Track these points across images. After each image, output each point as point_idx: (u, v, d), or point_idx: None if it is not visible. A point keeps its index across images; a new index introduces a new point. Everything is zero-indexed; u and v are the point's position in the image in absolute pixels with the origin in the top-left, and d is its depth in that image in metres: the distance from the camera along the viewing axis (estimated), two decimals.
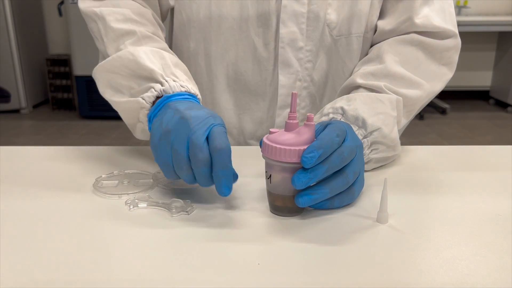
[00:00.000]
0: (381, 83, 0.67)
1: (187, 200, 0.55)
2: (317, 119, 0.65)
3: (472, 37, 4.02)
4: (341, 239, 0.48)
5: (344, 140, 0.52)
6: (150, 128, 0.59)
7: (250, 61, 0.75)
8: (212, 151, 0.50)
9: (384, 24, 0.74)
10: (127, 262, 0.43)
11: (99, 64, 0.66)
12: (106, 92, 0.66)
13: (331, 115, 0.63)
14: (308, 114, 0.50)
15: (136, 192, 0.58)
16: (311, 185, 0.50)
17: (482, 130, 3.46)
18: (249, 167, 0.66)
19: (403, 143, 0.67)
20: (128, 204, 0.54)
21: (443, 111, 3.88)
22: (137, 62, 0.62)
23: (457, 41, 0.73)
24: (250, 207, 0.55)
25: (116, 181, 0.61)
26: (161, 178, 0.62)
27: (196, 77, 0.77)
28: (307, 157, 0.47)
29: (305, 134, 0.49)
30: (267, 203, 0.54)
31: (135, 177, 0.62)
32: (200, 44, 0.76)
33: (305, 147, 0.48)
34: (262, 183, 0.61)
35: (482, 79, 4.32)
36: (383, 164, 0.66)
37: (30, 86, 3.96)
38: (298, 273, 0.42)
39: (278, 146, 0.49)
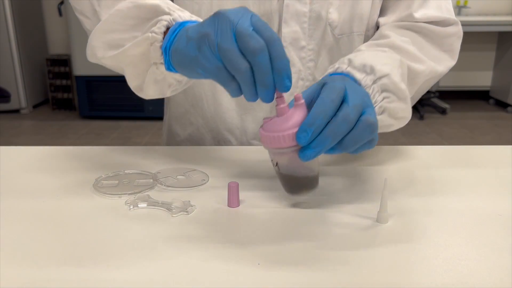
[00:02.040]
0: (385, 48, 0.66)
1: (187, 200, 0.55)
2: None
3: (472, 37, 4.02)
4: (341, 239, 0.48)
5: (343, 101, 0.49)
6: (167, 60, 0.54)
7: None
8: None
9: (385, 21, 0.74)
10: (127, 262, 0.43)
11: (95, 28, 0.60)
12: (107, 53, 0.60)
13: (336, 65, 0.61)
14: (295, 94, 0.49)
15: (136, 192, 0.58)
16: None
17: (482, 130, 3.46)
18: (251, 167, 0.67)
19: (403, 143, 0.67)
20: (128, 204, 0.54)
21: (443, 111, 3.88)
22: (137, 6, 0.57)
23: (458, 28, 0.73)
24: (250, 207, 0.55)
25: (116, 181, 0.61)
26: (161, 178, 0.62)
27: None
28: (301, 136, 0.47)
29: (297, 115, 0.48)
30: (267, 203, 0.55)
31: (135, 177, 0.62)
32: None
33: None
34: (263, 183, 0.61)
35: (482, 79, 4.32)
36: (395, 123, 0.62)
37: (30, 86, 3.96)
38: (298, 273, 0.42)
39: (275, 134, 0.48)
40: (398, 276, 0.41)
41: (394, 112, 0.61)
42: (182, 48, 0.50)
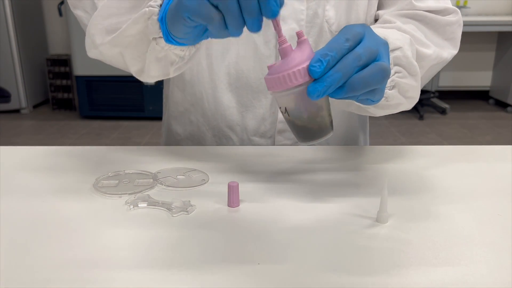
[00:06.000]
0: (393, 30, 0.66)
1: (187, 200, 0.55)
2: None
3: (472, 37, 4.02)
4: (341, 239, 0.48)
5: (360, 41, 0.48)
6: (165, 30, 0.54)
7: (251, 59, 0.75)
8: None
9: (385, 13, 0.74)
10: (127, 262, 0.43)
11: (93, 16, 0.60)
12: (105, 39, 0.60)
13: None
14: (297, 31, 0.47)
15: (136, 192, 0.58)
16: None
17: (482, 130, 3.46)
18: (251, 167, 0.67)
19: (403, 143, 0.67)
20: (128, 204, 0.54)
21: (443, 111, 3.88)
22: None
23: (459, 17, 0.73)
24: (250, 207, 0.55)
25: (116, 181, 0.61)
26: (161, 178, 0.62)
27: (198, 76, 0.78)
28: (315, 66, 0.44)
29: (302, 52, 0.46)
30: (267, 203, 0.54)
31: (135, 177, 0.62)
32: (201, 44, 0.76)
33: (308, 62, 0.45)
34: (263, 183, 0.61)
35: (482, 79, 4.32)
36: (404, 102, 0.62)
37: (30, 86, 3.97)
38: (298, 273, 0.42)
39: (280, 74, 0.45)
40: (398, 276, 0.41)
41: (404, 90, 0.60)
42: (172, 3, 0.49)
